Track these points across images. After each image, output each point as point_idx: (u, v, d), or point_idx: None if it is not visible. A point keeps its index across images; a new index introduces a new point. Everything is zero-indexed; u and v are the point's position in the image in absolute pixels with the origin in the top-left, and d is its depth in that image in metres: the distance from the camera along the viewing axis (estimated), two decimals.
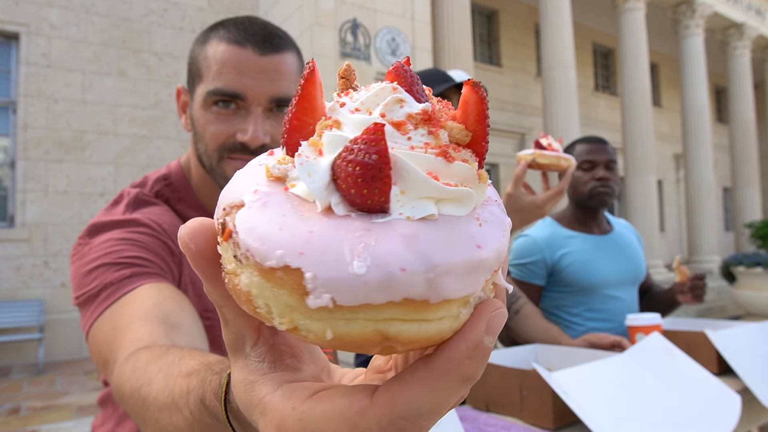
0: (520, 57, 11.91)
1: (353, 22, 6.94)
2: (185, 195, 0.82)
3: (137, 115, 7.17)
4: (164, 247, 0.72)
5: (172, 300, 0.63)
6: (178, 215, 0.80)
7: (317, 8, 6.65)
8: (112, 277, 0.65)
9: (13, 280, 6.29)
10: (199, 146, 0.77)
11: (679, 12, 11.94)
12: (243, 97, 0.73)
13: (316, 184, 0.23)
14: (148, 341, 0.57)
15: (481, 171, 0.26)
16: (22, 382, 5.37)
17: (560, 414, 0.89)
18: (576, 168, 1.69)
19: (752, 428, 1.11)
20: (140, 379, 0.53)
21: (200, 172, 0.82)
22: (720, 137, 17.16)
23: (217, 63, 0.74)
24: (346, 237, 0.22)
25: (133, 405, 0.53)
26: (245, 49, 0.75)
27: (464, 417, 0.96)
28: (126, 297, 0.63)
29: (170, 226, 0.76)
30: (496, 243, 0.25)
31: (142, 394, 0.52)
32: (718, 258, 11.22)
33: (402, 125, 0.25)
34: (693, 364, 0.98)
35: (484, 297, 0.26)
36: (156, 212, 0.78)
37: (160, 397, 0.49)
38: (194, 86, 0.78)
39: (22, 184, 6.42)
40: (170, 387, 0.48)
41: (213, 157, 0.75)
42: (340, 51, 6.78)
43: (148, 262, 0.68)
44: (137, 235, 0.70)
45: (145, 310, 0.61)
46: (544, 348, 1.21)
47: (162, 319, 0.59)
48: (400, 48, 7.30)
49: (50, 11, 6.70)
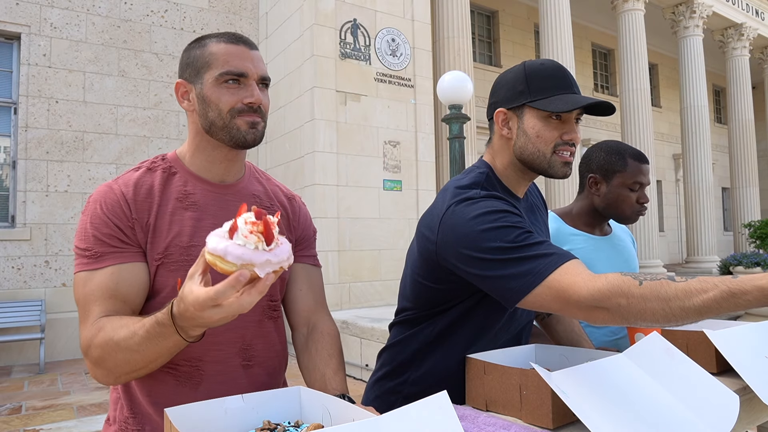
0: (519, 57, 11.92)
1: (353, 23, 6.95)
2: (179, 168, 1.09)
3: (138, 116, 7.18)
4: (127, 219, 1.00)
5: (125, 281, 0.96)
6: (169, 182, 1.07)
7: (317, 9, 6.66)
8: (94, 249, 0.97)
9: (14, 280, 6.30)
10: (211, 114, 1.04)
11: (679, 12, 11.95)
12: (246, 75, 1.04)
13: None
14: (107, 312, 0.94)
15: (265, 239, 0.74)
16: (23, 381, 5.38)
17: (559, 414, 0.90)
18: (623, 184, 1.66)
19: (751, 428, 1.12)
20: (109, 334, 0.89)
21: (198, 141, 1.09)
22: (719, 137, 17.17)
23: (223, 54, 1.04)
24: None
25: (106, 348, 0.89)
26: (240, 46, 1.05)
27: (463, 416, 0.97)
28: (97, 272, 0.96)
29: (147, 190, 1.03)
30: (238, 255, 0.72)
31: (114, 339, 0.88)
32: (717, 258, 11.24)
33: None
34: (692, 364, 0.99)
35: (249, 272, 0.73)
36: (135, 176, 1.04)
37: (124, 336, 0.87)
38: (201, 74, 1.05)
39: (23, 184, 6.43)
40: (130, 329, 0.88)
41: (227, 117, 1.03)
42: (340, 51, 6.79)
43: (117, 240, 0.98)
44: (112, 215, 0.99)
45: (107, 289, 0.95)
46: (544, 348, 1.22)
47: (116, 296, 0.95)
48: (400, 48, 7.31)
49: (51, 12, 6.71)
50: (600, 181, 1.70)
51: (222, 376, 1.03)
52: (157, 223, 1.01)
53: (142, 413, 1.02)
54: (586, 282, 0.91)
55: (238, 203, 1.09)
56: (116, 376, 0.92)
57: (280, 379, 1.16)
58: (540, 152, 1.14)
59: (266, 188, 1.18)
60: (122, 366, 0.89)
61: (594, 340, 1.69)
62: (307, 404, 0.86)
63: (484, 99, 10.22)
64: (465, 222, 1.04)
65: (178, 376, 1.01)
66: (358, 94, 6.88)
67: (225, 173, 1.10)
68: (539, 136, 1.13)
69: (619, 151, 1.70)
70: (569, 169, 1.16)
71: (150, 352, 0.87)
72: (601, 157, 1.71)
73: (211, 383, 1.02)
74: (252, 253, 0.71)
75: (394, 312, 1.32)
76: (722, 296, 0.82)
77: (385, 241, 6.95)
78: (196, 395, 1.00)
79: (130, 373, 0.91)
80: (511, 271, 0.97)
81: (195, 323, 0.79)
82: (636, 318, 0.88)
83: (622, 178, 1.66)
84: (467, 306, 1.18)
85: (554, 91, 1.12)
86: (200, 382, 1.02)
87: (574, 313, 0.94)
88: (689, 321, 0.85)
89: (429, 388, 1.15)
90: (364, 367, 5.17)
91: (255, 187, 1.16)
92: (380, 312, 6.10)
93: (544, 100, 1.11)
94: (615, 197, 1.68)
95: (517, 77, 1.15)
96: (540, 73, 1.14)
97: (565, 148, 1.14)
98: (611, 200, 1.69)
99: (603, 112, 1.14)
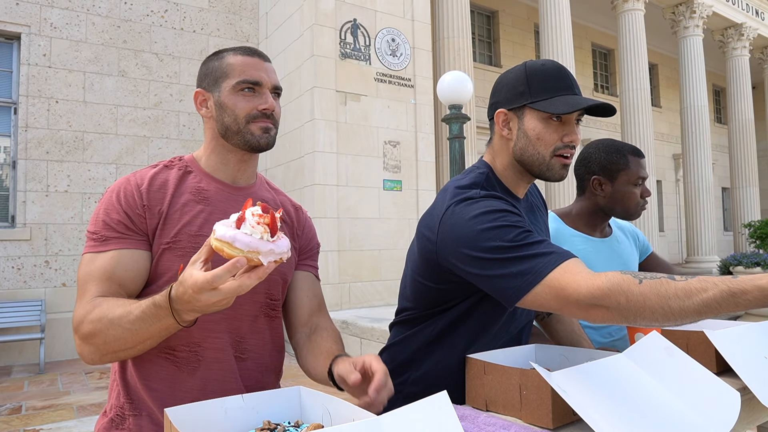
0: (519, 57, 11.92)
1: (353, 23, 6.95)
2: (195, 168, 1.16)
3: (138, 116, 7.18)
4: (137, 207, 1.06)
5: (123, 266, 1.01)
6: (185, 179, 1.14)
7: (317, 9, 6.66)
8: (102, 233, 1.03)
9: (14, 280, 6.30)
10: (227, 119, 1.11)
11: (679, 12, 11.95)
12: (260, 84, 1.12)
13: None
14: (103, 293, 0.99)
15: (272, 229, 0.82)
16: (23, 381, 5.38)
17: (559, 413, 0.90)
18: (628, 181, 1.67)
19: (751, 429, 1.12)
20: (104, 311, 0.93)
21: (214, 145, 1.16)
22: (719, 137, 17.17)
23: (240, 65, 1.12)
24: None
25: (99, 325, 0.93)
26: (255, 58, 1.14)
27: (464, 416, 0.97)
28: (101, 254, 1.02)
29: (162, 182, 1.10)
30: (247, 244, 0.78)
31: (109, 317, 0.92)
32: (717, 258, 11.23)
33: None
34: (692, 362, 0.99)
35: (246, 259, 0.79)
36: (152, 172, 1.10)
37: (119, 314, 0.91)
38: (219, 83, 1.13)
39: (23, 184, 6.43)
40: (125, 308, 0.92)
41: (242, 122, 1.11)
42: (340, 51, 6.79)
43: (123, 227, 1.03)
44: (125, 202, 1.05)
45: (105, 271, 1.00)
46: (544, 348, 1.22)
47: (112, 279, 1.00)
48: (400, 48, 7.31)
49: (51, 12, 6.71)
50: (604, 181, 1.69)
51: (218, 365, 1.06)
52: (170, 211, 1.07)
53: (138, 399, 1.04)
54: (585, 280, 0.91)
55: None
56: (103, 354, 0.95)
57: (273, 379, 1.18)
58: (540, 155, 1.14)
59: (275, 197, 1.24)
60: (112, 343, 0.93)
61: (591, 341, 1.69)
62: (307, 404, 0.86)
63: (484, 99, 10.23)
64: (464, 222, 1.05)
65: (176, 361, 1.04)
66: (358, 94, 6.88)
67: (238, 175, 1.16)
68: (539, 137, 1.13)
69: (618, 149, 1.71)
70: (567, 171, 1.16)
71: (142, 333, 0.91)
72: (601, 157, 1.70)
73: (208, 370, 1.05)
74: (258, 242, 0.78)
75: (395, 312, 1.33)
76: (722, 296, 0.82)
77: (385, 241, 6.95)
78: (192, 381, 1.04)
79: (117, 351, 0.94)
80: (510, 270, 0.98)
81: (191, 306, 0.83)
82: (635, 317, 0.88)
83: (627, 176, 1.67)
84: (467, 306, 1.18)
85: (555, 92, 1.12)
86: (197, 368, 1.04)
87: (573, 311, 0.94)
88: (689, 320, 0.85)
89: (429, 388, 1.15)
90: None
91: (265, 194, 1.22)
92: (380, 312, 6.10)
93: (545, 102, 1.11)
94: (621, 195, 1.69)
95: (518, 78, 1.15)
96: (541, 74, 1.13)
97: (565, 150, 1.14)
98: (618, 199, 1.70)
99: (604, 113, 1.14)
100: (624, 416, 0.86)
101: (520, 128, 1.15)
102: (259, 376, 1.13)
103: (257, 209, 0.81)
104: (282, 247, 0.81)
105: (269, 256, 0.79)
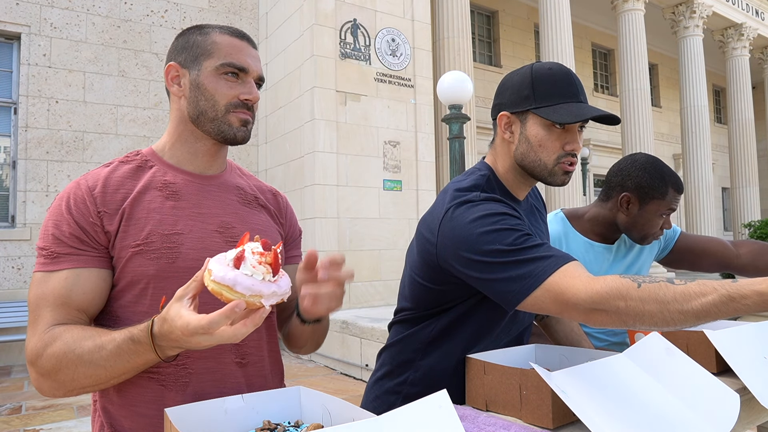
0: (519, 57, 11.92)
1: (353, 23, 6.95)
2: (156, 161, 1.04)
3: (138, 116, 7.18)
4: (90, 216, 0.94)
5: (80, 289, 0.90)
6: (146, 173, 1.02)
7: (317, 9, 6.66)
8: (52, 248, 0.91)
9: (14, 280, 6.30)
10: (203, 103, 1.01)
11: (678, 12, 11.95)
12: (247, 71, 1.02)
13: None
14: (60, 320, 0.88)
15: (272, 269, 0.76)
16: (23, 381, 5.38)
17: (559, 414, 0.90)
18: (656, 210, 1.58)
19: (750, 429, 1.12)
20: (69, 345, 0.83)
21: (180, 131, 1.05)
22: (719, 137, 17.17)
23: (227, 46, 1.02)
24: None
25: (64, 361, 0.83)
26: (244, 42, 1.04)
27: (464, 416, 0.97)
28: (53, 274, 0.90)
29: (118, 181, 0.98)
30: (248, 286, 0.72)
31: (76, 352, 0.83)
32: None
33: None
34: (692, 363, 0.99)
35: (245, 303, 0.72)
36: (105, 171, 0.99)
37: (89, 349, 0.83)
38: (199, 61, 1.02)
39: (23, 184, 6.43)
40: (95, 342, 0.83)
41: (220, 110, 1.01)
42: (340, 51, 6.79)
43: (77, 241, 0.92)
44: (76, 212, 0.94)
45: (60, 295, 0.89)
46: (544, 348, 1.22)
47: (69, 304, 0.89)
48: (400, 48, 7.31)
49: (51, 12, 6.71)
50: (634, 201, 1.60)
51: (212, 375, 0.96)
52: (133, 211, 0.95)
53: (124, 430, 0.95)
54: (584, 284, 0.91)
55: (221, 194, 1.06)
56: (68, 390, 0.86)
57: (274, 381, 1.12)
58: (541, 161, 1.13)
59: (248, 183, 1.15)
60: (81, 380, 0.85)
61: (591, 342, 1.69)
62: (307, 404, 0.86)
63: (484, 99, 10.23)
64: (464, 225, 1.04)
65: (162, 380, 0.93)
66: (358, 94, 6.88)
67: (206, 167, 1.06)
68: (541, 145, 1.12)
69: (662, 176, 1.59)
70: (569, 177, 1.16)
71: (116, 369, 0.83)
72: (643, 178, 1.60)
73: (200, 383, 0.95)
74: (260, 285, 0.72)
75: (394, 311, 1.32)
76: (721, 300, 0.82)
77: (385, 241, 6.95)
78: (184, 398, 0.93)
79: (87, 387, 0.86)
80: (509, 273, 0.97)
81: (178, 345, 0.78)
82: (634, 320, 0.88)
83: (658, 205, 1.59)
84: (467, 306, 1.18)
85: (560, 99, 1.10)
86: (188, 383, 0.94)
87: (572, 315, 0.94)
88: (688, 325, 0.85)
89: (429, 387, 1.14)
90: (364, 367, 5.17)
91: (237, 180, 1.12)
92: (380, 312, 6.10)
93: (549, 108, 1.10)
94: (644, 221, 1.61)
95: (524, 81, 1.14)
96: (547, 78, 1.12)
97: (568, 159, 1.13)
98: (639, 223, 1.62)
99: (608, 121, 1.13)
100: (623, 417, 0.86)
101: (522, 133, 1.15)
102: (262, 381, 1.05)
103: (257, 246, 0.74)
104: (284, 287, 0.75)
105: (271, 299, 0.73)
